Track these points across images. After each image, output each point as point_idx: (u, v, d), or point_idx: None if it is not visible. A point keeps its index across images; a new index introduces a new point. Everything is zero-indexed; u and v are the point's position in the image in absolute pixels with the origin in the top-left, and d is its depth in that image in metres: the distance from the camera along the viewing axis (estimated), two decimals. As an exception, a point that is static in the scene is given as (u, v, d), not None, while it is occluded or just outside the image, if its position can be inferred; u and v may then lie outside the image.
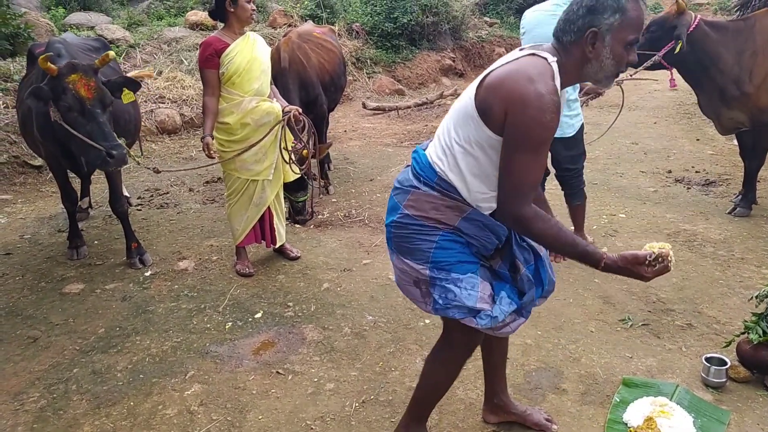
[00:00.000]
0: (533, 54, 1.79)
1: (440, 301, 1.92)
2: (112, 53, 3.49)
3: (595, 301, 3.40)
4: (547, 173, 3.90)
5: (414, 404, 2.23)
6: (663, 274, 1.79)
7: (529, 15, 3.67)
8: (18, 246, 4.44)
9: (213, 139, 3.54)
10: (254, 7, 3.54)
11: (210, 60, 3.51)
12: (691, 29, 4.08)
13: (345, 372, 2.82)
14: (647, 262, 1.75)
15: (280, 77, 4.63)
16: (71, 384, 2.79)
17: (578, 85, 3.66)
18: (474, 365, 2.81)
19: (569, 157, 3.82)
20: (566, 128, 3.67)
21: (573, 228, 4.11)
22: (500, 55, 9.97)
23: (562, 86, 1.80)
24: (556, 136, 3.56)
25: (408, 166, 2.06)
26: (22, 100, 4.01)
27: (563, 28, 1.80)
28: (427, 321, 3.23)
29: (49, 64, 3.19)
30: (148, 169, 3.71)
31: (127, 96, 3.51)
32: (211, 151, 3.51)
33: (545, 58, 1.77)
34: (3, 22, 7.57)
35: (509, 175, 1.78)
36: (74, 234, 4.20)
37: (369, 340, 3.07)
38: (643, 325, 3.16)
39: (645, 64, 4.16)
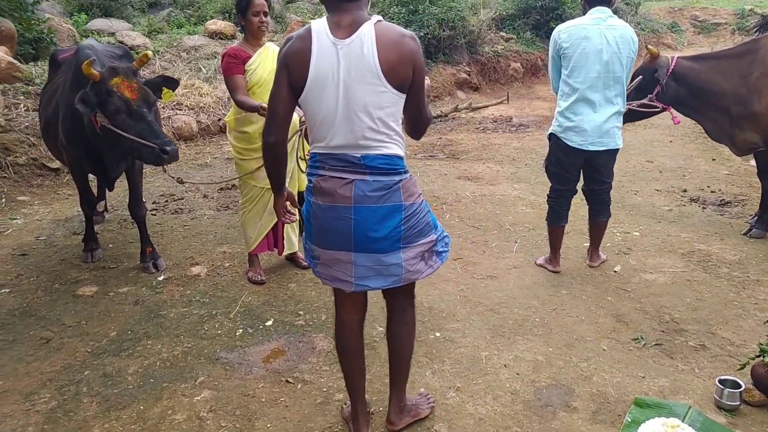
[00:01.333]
0: (379, 20, 2.07)
1: (445, 248, 2.31)
2: (150, 53, 3.56)
3: (607, 319, 3.37)
4: (575, 192, 3.88)
5: (403, 376, 2.46)
6: None
7: (571, 30, 3.56)
8: (34, 247, 4.49)
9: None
10: (263, 20, 3.53)
11: (237, 66, 3.51)
12: (670, 69, 4.26)
13: (354, 383, 2.81)
14: None
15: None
16: (82, 386, 2.81)
17: (625, 97, 3.70)
18: (484, 380, 2.80)
19: (609, 171, 3.81)
20: (617, 140, 3.65)
21: (589, 244, 4.10)
22: (516, 70, 10.07)
23: None
24: (604, 148, 3.57)
25: (349, 182, 2.09)
26: (45, 104, 4.07)
27: None
28: (437, 334, 3.22)
29: (92, 69, 3.23)
30: (172, 177, 3.73)
31: (167, 94, 3.57)
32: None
33: (380, 20, 2.06)
34: (27, 27, 7.71)
35: (425, 97, 2.19)
36: (90, 237, 4.25)
37: (379, 351, 3.06)
38: (655, 344, 3.13)
39: (639, 107, 4.29)
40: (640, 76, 4.30)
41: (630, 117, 4.29)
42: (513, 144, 7.98)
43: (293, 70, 2.02)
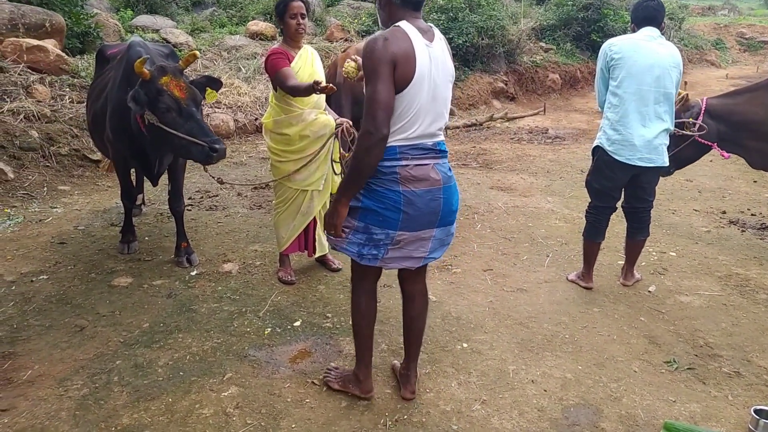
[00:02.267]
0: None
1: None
2: (197, 53, 3.62)
3: (639, 340, 3.31)
4: (615, 209, 3.83)
5: (418, 352, 2.75)
6: None
7: (623, 42, 3.57)
8: (72, 236, 4.60)
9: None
10: (300, 22, 3.52)
11: (284, 60, 3.47)
12: (703, 111, 4.24)
13: (380, 389, 2.81)
14: None
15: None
16: (113, 375, 2.87)
17: (674, 116, 3.67)
18: (510, 394, 2.78)
19: (652, 189, 3.76)
20: (664, 157, 3.60)
21: (624, 262, 4.03)
22: (554, 82, 10.02)
23: None
24: (651, 165, 3.54)
25: (432, 166, 2.40)
26: (93, 99, 4.16)
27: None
28: (465, 345, 3.20)
29: (144, 68, 3.29)
30: (212, 177, 3.79)
31: (210, 95, 3.62)
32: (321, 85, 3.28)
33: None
34: (76, 21, 7.95)
35: None
36: (128, 229, 4.34)
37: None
38: (688, 369, 3.05)
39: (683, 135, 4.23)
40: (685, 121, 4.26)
41: (678, 161, 4.31)
42: (548, 156, 7.90)
43: (401, 66, 2.19)
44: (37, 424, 2.52)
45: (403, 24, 2.25)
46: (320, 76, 3.68)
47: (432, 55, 2.26)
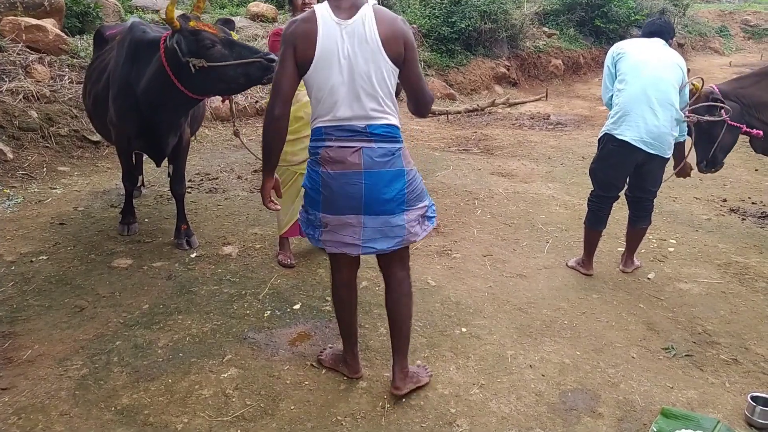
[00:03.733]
0: (374, 3, 2.29)
1: (433, 214, 2.53)
2: (205, 1, 3.59)
3: (638, 327, 3.32)
4: (617, 198, 3.83)
5: (405, 344, 2.63)
6: None
7: (630, 41, 3.77)
8: (72, 217, 4.60)
9: None
10: (306, 2, 3.55)
11: (277, 45, 3.54)
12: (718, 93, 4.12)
13: (378, 372, 2.82)
14: None
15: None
16: (113, 356, 2.88)
17: (686, 107, 3.68)
18: (509, 379, 2.79)
19: (656, 179, 3.75)
20: (669, 149, 3.61)
21: (624, 249, 4.04)
22: (556, 67, 9.96)
23: None
24: (656, 152, 3.53)
25: (356, 150, 2.30)
26: (94, 81, 4.10)
27: None
28: (463, 330, 3.21)
29: (174, 15, 3.25)
30: (235, 131, 3.85)
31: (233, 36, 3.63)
32: None
33: (375, 4, 2.29)
34: (75, 0, 7.86)
35: (421, 76, 2.42)
36: (128, 211, 4.33)
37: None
38: (686, 355, 3.07)
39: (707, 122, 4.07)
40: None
41: (723, 149, 4.21)
42: (549, 142, 7.87)
43: (299, 49, 2.23)
44: (37, 403, 2.53)
45: (319, 5, 2.27)
46: None
47: (345, 33, 2.21)
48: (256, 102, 8.16)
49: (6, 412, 2.47)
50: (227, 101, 4.11)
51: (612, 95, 3.72)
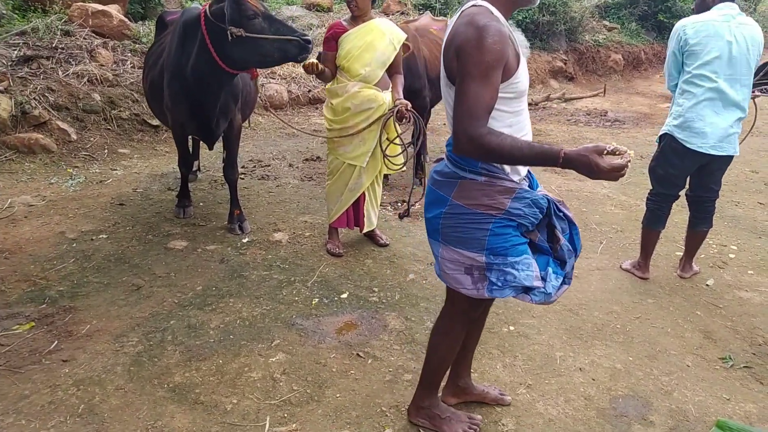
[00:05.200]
0: (472, 5, 1.88)
1: (498, 283, 1.98)
2: None
3: (694, 335, 3.20)
4: (677, 197, 3.69)
5: (424, 381, 2.38)
6: (616, 173, 1.76)
7: (699, 26, 3.34)
8: (131, 198, 4.75)
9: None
10: (353, 0, 3.54)
11: (327, 42, 3.67)
12: None
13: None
14: (605, 152, 1.75)
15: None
16: (167, 334, 2.97)
17: (749, 92, 3.42)
18: (557, 381, 2.74)
19: (719, 178, 3.60)
20: (736, 146, 3.44)
21: (682, 254, 3.89)
22: (616, 62, 9.59)
23: (505, 16, 1.89)
24: (722, 153, 3.33)
25: (441, 159, 2.13)
26: (151, 66, 4.22)
27: None
28: (511, 328, 3.17)
29: None
30: (265, 105, 3.88)
31: None
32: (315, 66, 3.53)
33: (475, 4, 1.86)
34: (139, -13, 8.09)
35: (464, 101, 1.78)
36: (184, 194, 4.45)
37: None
38: (745, 367, 2.94)
39: None
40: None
41: None
42: (606, 139, 7.65)
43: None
44: (94, 377, 2.63)
45: (486, 3, 1.88)
46: (378, 50, 3.62)
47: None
48: (309, 91, 8.23)
49: (66, 383, 2.58)
50: (255, 77, 4.13)
51: (677, 83, 3.52)
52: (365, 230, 4.07)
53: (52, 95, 5.79)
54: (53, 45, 6.39)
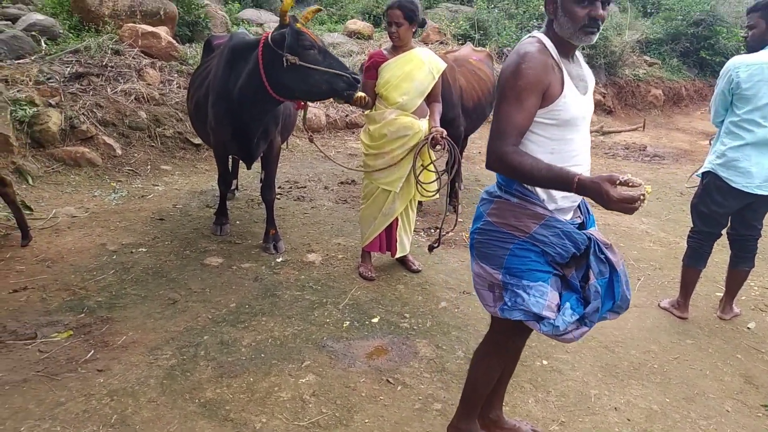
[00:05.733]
0: (529, 36, 2.05)
1: (509, 303, 2.02)
2: (318, 6, 3.82)
3: (735, 378, 3.09)
4: (719, 236, 3.61)
5: (462, 403, 2.38)
6: (627, 205, 1.73)
7: (753, 69, 3.24)
8: (170, 214, 4.86)
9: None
10: (391, 31, 3.61)
11: (368, 70, 3.75)
12: None
13: (454, 395, 2.78)
14: (618, 182, 1.73)
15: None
16: (200, 349, 3.00)
17: None
18: (591, 419, 2.67)
19: (763, 215, 3.52)
20: None
21: (723, 294, 3.79)
22: (656, 97, 9.46)
23: (560, 53, 2.00)
24: (765, 193, 3.29)
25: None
26: (197, 87, 4.34)
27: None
28: (544, 362, 3.11)
29: (287, 14, 3.50)
30: (310, 137, 4.06)
31: None
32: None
33: (532, 35, 2.03)
34: (187, 10, 8.38)
35: (496, 120, 1.93)
36: (222, 212, 4.54)
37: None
38: (789, 416, 2.83)
39: None
40: None
41: None
42: (645, 174, 7.54)
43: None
44: (128, 388, 2.67)
45: (544, 38, 2.03)
46: (417, 80, 3.65)
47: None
48: (346, 116, 8.34)
49: (101, 392, 2.62)
50: (301, 109, 4.21)
51: (722, 120, 3.46)
52: (397, 255, 4.07)
53: (100, 111, 6.00)
54: (104, 63, 6.64)
